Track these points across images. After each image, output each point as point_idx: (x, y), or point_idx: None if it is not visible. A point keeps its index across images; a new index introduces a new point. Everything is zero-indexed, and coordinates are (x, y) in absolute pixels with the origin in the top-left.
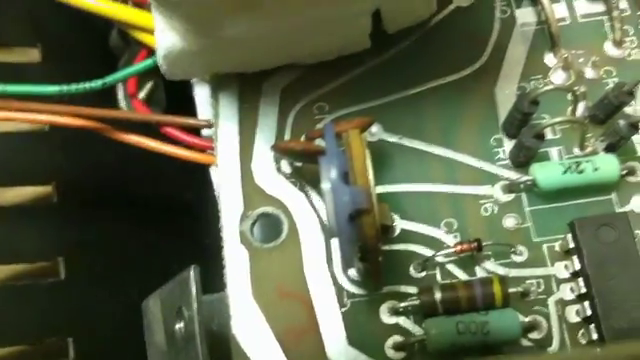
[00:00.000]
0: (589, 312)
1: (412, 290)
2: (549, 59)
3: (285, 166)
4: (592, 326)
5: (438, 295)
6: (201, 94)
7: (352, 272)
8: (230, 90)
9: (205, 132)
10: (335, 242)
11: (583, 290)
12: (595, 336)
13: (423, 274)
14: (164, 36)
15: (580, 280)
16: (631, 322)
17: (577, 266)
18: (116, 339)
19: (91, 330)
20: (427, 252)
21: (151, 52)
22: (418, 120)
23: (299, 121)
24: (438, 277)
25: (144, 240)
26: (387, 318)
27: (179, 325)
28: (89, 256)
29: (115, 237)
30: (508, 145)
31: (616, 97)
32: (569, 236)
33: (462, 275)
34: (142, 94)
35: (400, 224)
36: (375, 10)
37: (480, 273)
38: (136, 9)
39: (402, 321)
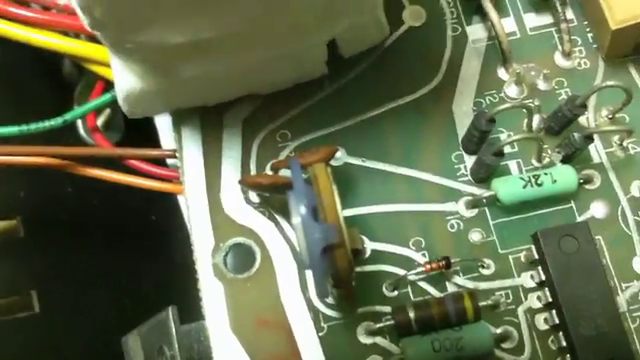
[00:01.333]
0: (557, 320)
1: (386, 309)
2: (502, 73)
3: (253, 196)
4: (561, 334)
5: (412, 314)
6: (162, 122)
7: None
8: (192, 123)
9: (170, 161)
10: (309, 270)
11: (550, 299)
12: (564, 343)
13: (396, 293)
14: (123, 78)
15: (547, 289)
16: (597, 328)
17: (543, 276)
18: None
19: None
20: (398, 271)
21: (108, 83)
22: (380, 142)
23: (263, 150)
24: (410, 295)
25: (115, 266)
26: (364, 339)
27: None
28: (61, 287)
29: (85, 266)
30: (469, 161)
31: (569, 110)
32: (533, 247)
33: (434, 291)
34: (100, 121)
35: (370, 245)
36: (330, 39)
37: (451, 288)
38: (90, 43)
39: (379, 341)
